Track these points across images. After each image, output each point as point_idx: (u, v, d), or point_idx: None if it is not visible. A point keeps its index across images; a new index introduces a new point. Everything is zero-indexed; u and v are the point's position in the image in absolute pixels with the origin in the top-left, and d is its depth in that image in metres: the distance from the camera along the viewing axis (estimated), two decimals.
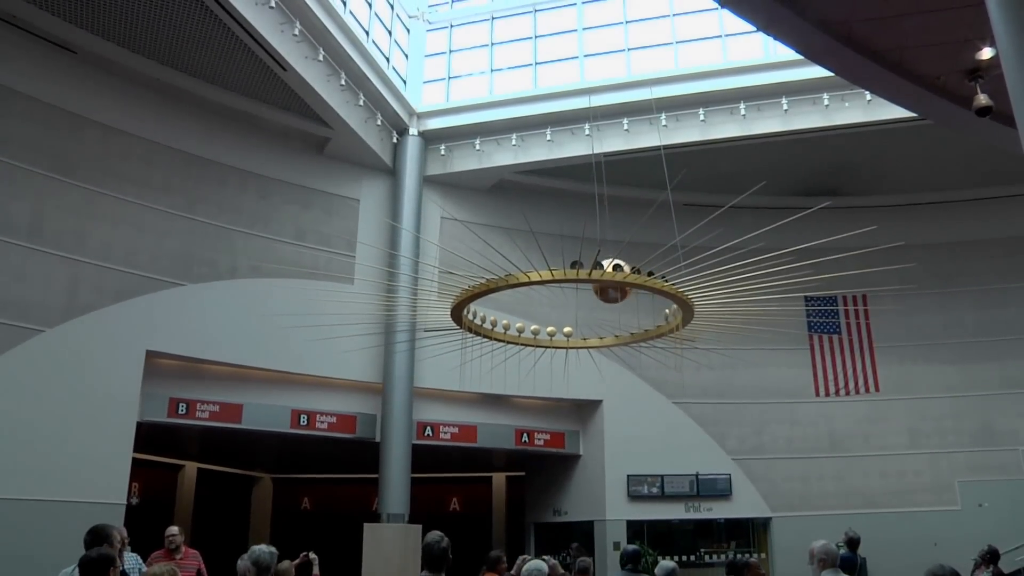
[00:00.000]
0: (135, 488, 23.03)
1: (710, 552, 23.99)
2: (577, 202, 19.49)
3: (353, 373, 20.31)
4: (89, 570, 4.64)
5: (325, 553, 9.05)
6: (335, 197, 21.31)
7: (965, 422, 23.92)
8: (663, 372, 19.87)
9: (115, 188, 17.67)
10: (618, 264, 9.52)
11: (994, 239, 24.59)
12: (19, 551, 14.82)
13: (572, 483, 24.31)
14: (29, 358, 16.01)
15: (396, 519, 19.60)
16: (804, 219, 10.74)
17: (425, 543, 4.96)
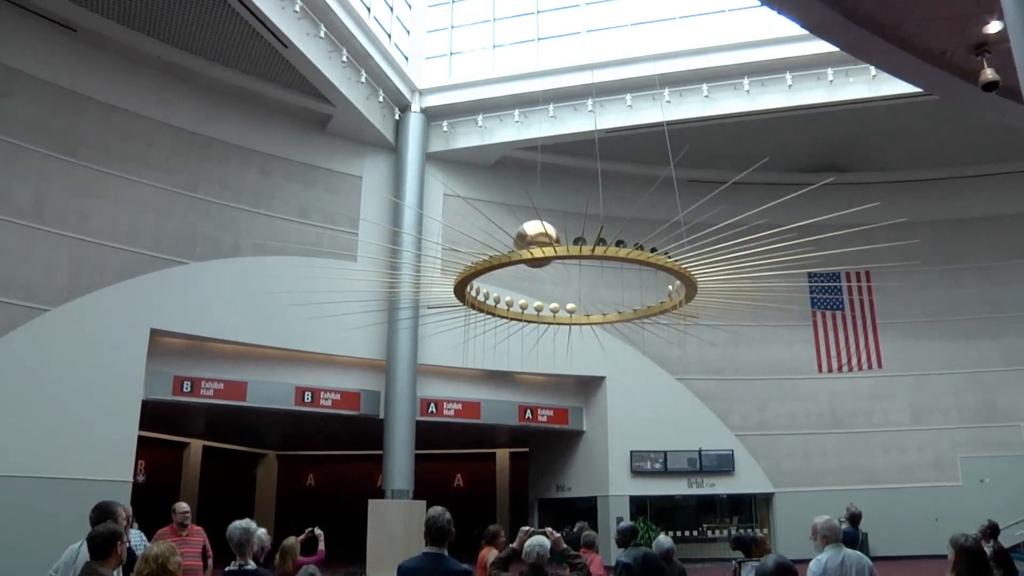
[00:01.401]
0: (141, 466, 23.19)
1: (712, 527, 24.13)
2: (580, 178, 19.42)
3: (356, 350, 20.36)
4: (97, 546, 4.68)
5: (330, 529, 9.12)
6: (337, 174, 21.28)
7: (967, 398, 23.98)
8: (666, 349, 19.91)
9: (117, 167, 17.66)
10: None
11: (998, 216, 24.52)
12: (27, 528, 14.94)
13: (575, 459, 24.42)
14: (34, 337, 16.07)
15: (400, 495, 19.71)
16: (807, 195, 10.71)
17: (427, 518, 4.98)
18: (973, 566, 5.01)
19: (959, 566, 5.06)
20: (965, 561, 5.02)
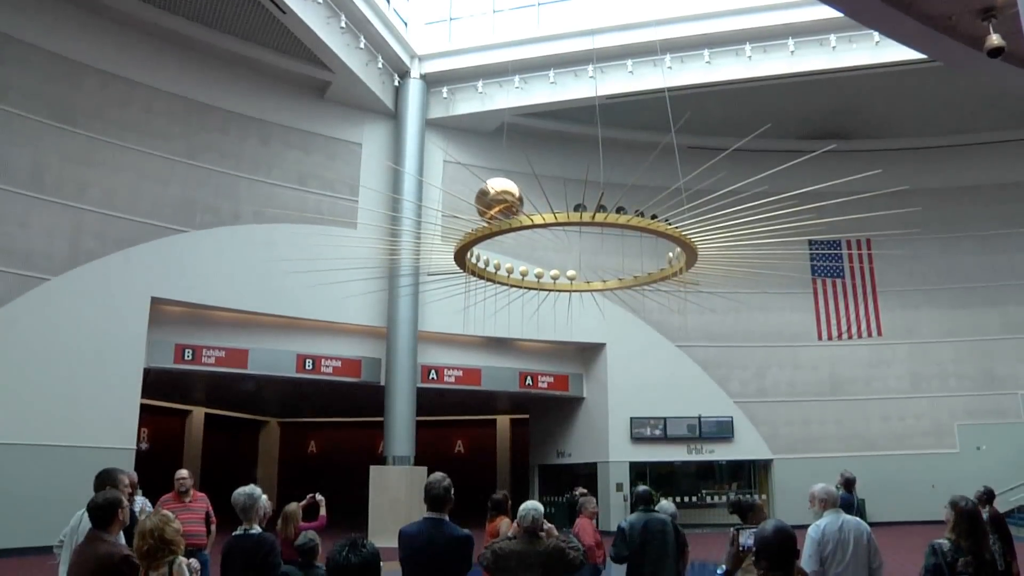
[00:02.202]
0: (144, 434, 23.34)
1: (711, 493, 24.34)
2: (580, 145, 19.33)
3: (357, 317, 20.40)
4: (97, 513, 4.71)
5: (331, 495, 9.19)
6: (337, 141, 21.19)
7: (966, 366, 24.07)
8: (666, 315, 19.92)
9: (115, 135, 17.58)
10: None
11: (999, 184, 24.44)
12: (33, 494, 15.09)
13: (575, 425, 24.56)
14: (35, 307, 16.11)
15: (402, 461, 19.85)
16: (809, 163, 10.67)
17: (427, 483, 5.02)
18: (971, 527, 5.10)
19: (958, 527, 5.14)
20: (964, 522, 5.11)
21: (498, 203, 9.59)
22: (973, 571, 4.95)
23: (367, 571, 2.63)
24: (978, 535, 5.13)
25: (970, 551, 5.03)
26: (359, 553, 2.65)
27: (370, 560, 2.64)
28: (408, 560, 4.95)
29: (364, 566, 2.64)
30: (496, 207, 9.57)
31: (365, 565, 2.64)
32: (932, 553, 5.16)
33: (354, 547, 2.67)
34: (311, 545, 5.66)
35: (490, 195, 9.72)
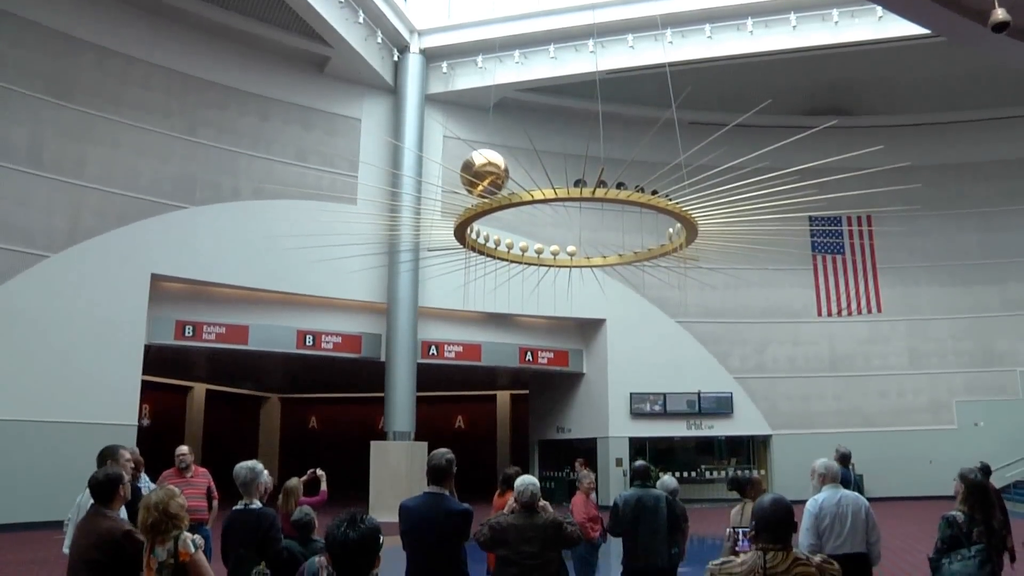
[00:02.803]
0: (146, 410, 23.41)
1: (711, 468, 24.46)
2: (580, 120, 19.22)
3: (357, 293, 20.41)
4: (98, 489, 4.72)
5: (332, 470, 9.23)
6: (336, 117, 21.10)
7: (965, 343, 24.12)
8: (666, 291, 19.91)
9: (113, 111, 17.51)
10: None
11: (1001, 161, 24.37)
12: (36, 471, 15.20)
13: (575, 401, 24.64)
14: (35, 284, 16.12)
15: (402, 437, 19.93)
16: (810, 138, 10.62)
17: (429, 457, 5.07)
18: (982, 498, 5.19)
19: (970, 499, 5.22)
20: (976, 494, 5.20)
21: (486, 175, 9.56)
22: (986, 540, 5.04)
23: (365, 546, 2.63)
24: (987, 506, 5.22)
25: (983, 521, 5.13)
26: (357, 528, 2.65)
27: (368, 535, 2.65)
28: (408, 533, 4.99)
29: (362, 541, 2.64)
30: (485, 179, 9.55)
31: (363, 540, 2.64)
32: (948, 525, 5.24)
33: (352, 523, 2.68)
34: (307, 520, 5.69)
35: (475, 166, 9.70)
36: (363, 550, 2.63)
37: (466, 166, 9.84)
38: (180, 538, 4.31)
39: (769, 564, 2.92)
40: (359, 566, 2.64)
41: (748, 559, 2.99)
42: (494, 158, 9.75)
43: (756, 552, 2.99)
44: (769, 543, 2.99)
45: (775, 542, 2.99)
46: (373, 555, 2.64)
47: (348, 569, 2.67)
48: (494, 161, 9.72)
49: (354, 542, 2.63)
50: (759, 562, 2.94)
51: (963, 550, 5.08)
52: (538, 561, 5.30)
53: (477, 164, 9.75)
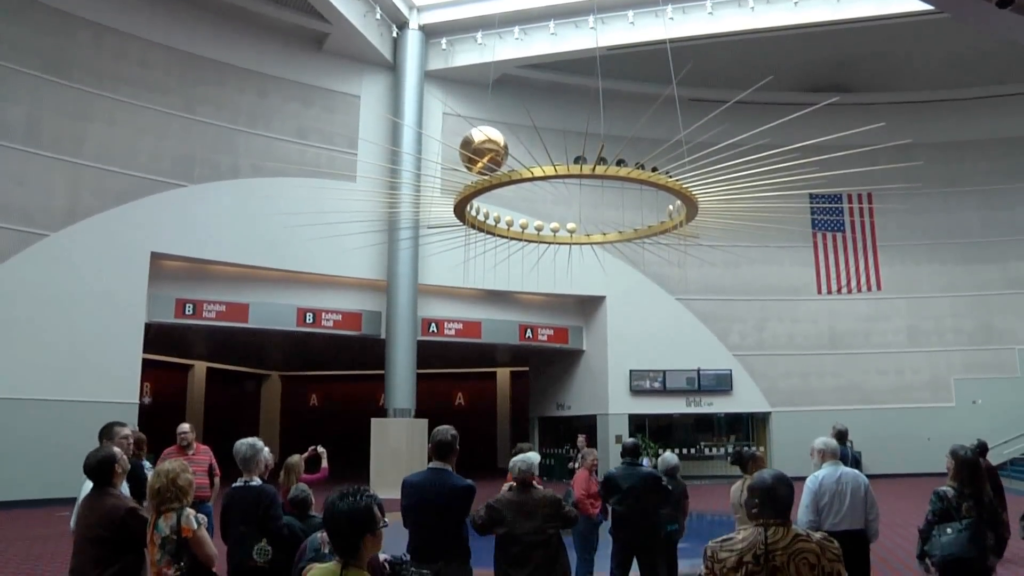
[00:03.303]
0: (147, 388, 23.47)
1: (710, 445, 24.57)
2: (580, 97, 19.13)
3: (357, 271, 20.41)
4: (94, 475, 4.73)
5: (333, 447, 9.26)
6: (335, 94, 21.00)
7: (964, 321, 24.15)
8: (666, 268, 19.91)
9: (111, 89, 17.43)
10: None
11: (1003, 138, 24.28)
12: (38, 449, 15.28)
13: (575, 378, 24.70)
14: (35, 263, 16.13)
15: (402, 414, 19.99)
16: (811, 115, 10.58)
17: (434, 433, 5.11)
18: (971, 474, 5.26)
19: (960, 474, 5.29)
20: (965, 470, 5.26)
21: (485, 152, 9.52)
22: (976, 514, 5.10)
23: (356, 519, 2.65)
24: (977, 481, 5.28)
25: (971, 496, 5.20)
26: (347, 501, 2.67)
27: (358, 509, 2.66)
28: (411, 509, 5.02)
29: (352, 513, 2.66)
30: (485, 156, 9.52)
31: (353, 513, 2.66)
32: (938, 499, 5.32)
33: (345, 495, 2.70)
34: (302, 496, 5.72)
35: (474, 144, 9.66)
36: (353, 522, 2.64)
37: (465, 143, 9.81)
38: (183, 514, 4.34)
39: (770, 540, 2.93)
40: (349, 538, 2.65)
41: (748, 535, 3.00)
42: (493, 135, 9.71)
43: (756, 528, 3.01)
44: (769, 518, 3.00)
45: (775, 517, 3.00)
46: (365, 529, 2.65)
47: (338, 540, 2.69)
48: (493, 138, 9.68)
49: (343, 514, 2.65)
50: (760, 538, 2.96)
51: (953, 523, 5.16)
52: (539, 537, 5.34)
53: (476, 141, 9.72)
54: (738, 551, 2.96)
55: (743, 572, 2.91)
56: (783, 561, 2.87)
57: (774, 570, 2.88)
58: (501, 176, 9.58)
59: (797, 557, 2.87)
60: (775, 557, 2.89)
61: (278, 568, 5.08)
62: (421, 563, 4.78)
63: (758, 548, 2.93)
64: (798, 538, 2.93)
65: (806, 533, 2.97)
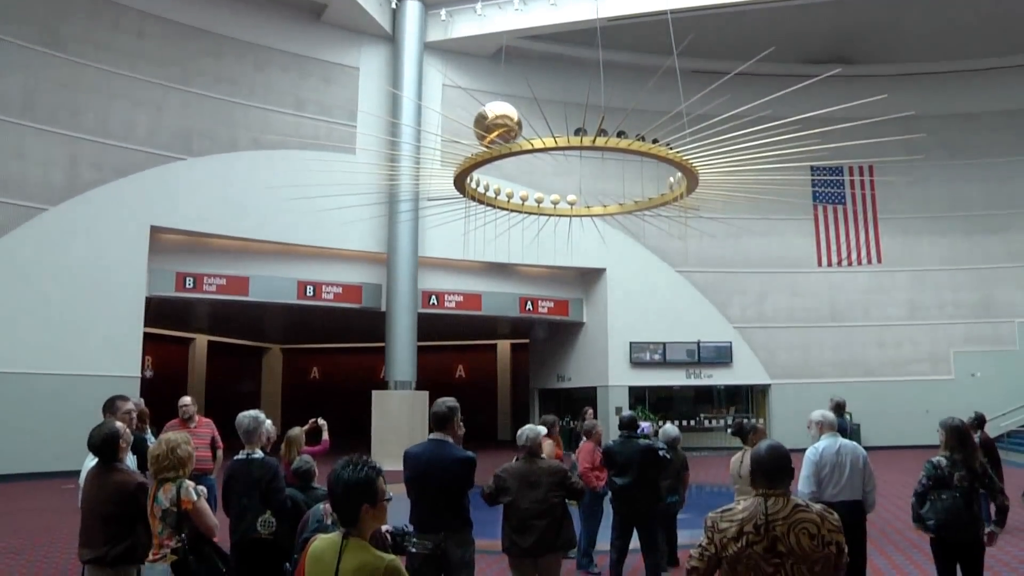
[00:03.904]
0: (148, 361, 23.52)
1: (710, 417, 24.67)
2: (581, 68, 19.02)
3: (357, 243, 20.39)
4: (100, 452, 4.74)
5: (334, 420, 9.30)
6: (334, 66, 20.85)
7: (965, 294, 24.15)
8: (667, 241, 19.90)
9: (108, 62, 17.31)
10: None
11: (1006, 110, 24.14)
12: (41, 422, 15.36)
13: (575, 350, 24.76)
14: (34, 237, 16.12)
15: (403, 386, 20.05)
16: (812, 87, 10.52)
17: (433, 405, 5.16)
18: (959, 441, 5.32)
19: (949, 443, 5.35)
20: (954, 437, 5.32)
21: (496, 127, 9.48)
22: (967, 483, 5.15)
23: (356, 487, 2.67)
24: (967, 448, 5.34)
25: (962, 463, 5.26)
26: (348, 470, 2.70)
27: (359, 478, 2.69)
28: (412, 480, 5.05)
29: (352, 482, 2.68)
30: (495, 131, 9.47)
31: (353, 481, 2.68)
32: (932, 467, 5.39)
33: (348, 464, 2.73)
34: (306, 468, 5.75)
35: (488, 119, 9.60)
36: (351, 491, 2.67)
37: (479, 118, 9.75)
38: (183, 486, 4.36)
39: (770, 510, 2.96)
40: (348, 507, 2.67)
41: (749, 505, 3.03)
42: (507, 111, 9.64)
43: (757, 498, 3.03)
44: (768, 489, 3.03)
45: (772, 487, 3.02)
46: (363, 499, 2.67)
47: (339, 508, 2.73)
48: (507, 113, 9.62)
49: (343, 482, 2.67)
50: (760, 508, 2.98)
51: (946, 490, 5.23)
52: (544, 506, 5.40)
53: (490, 117, 9.66)
54: (739, 521, 2.99)
55: (743, 542, 2.94)
56: (783, 531, 2.90)
57: (774, 540, 2.90)
58: (501, 148, 9.54)
59: (797, 527, 2.90)
60: (775, 527, 2.92)
61: (281, 539, 5.12)
62: (423, 534, 4.83)
63: (758, 518, 2.95)
64: (798, 508, 2.96)
65: (806, 504, 2.99)
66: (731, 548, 2.98)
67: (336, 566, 2.64)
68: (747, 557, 2.94)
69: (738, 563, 2.97)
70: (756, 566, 2.93)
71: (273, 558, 5.13)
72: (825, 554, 2.87)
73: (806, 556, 2.87)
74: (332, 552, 2.68)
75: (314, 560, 2.74)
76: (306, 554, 2.79)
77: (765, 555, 2.91)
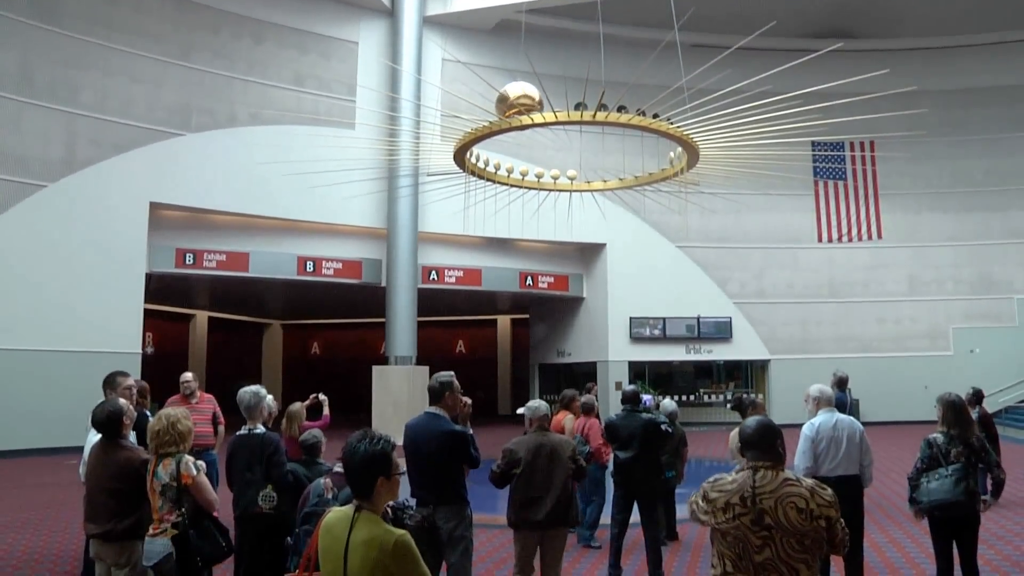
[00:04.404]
0: (149, 338, 23.57)
1: (709, 392, 24.76)
2: (581, 42, 18.91)
3: (357, 219, 20.36)
4: (104, 428, 4.77)
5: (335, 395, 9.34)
6: (333, 40, 20.72)
7: (965, 270, 24.16)
8: (667, 216, 19.88)
9: (104, 36, 17.20)
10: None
11: (1009, 86, 23.99)
12: (44, 399, 15.43)
13: (575, 325, 24.80)
14: (34, 214, 16.11)
15: (403, 361, 20.10)
16: (813, 62, 10.44)
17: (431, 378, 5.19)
18: (955, 416, 5.35)
19: (946, 418, 5.38)
20: (950, 412, 5.35)
21: (519, 107, 9.43)
22: (964, 459, 5.18)
23: (368, 461, 2.70)
24: (963, 423, 5.37)
25: (958, 437, 5.29)
26: (371, 444, 2.72)
27: (372, 452, 2.71)
28: (407, 451, 5.08)
29: (365, 455, 2.71)
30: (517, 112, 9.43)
31: (367, 455, 2.71)
32: (928, 446, 5.42)
33: (364, 438, 2.76)
34: (313, 441, 5.78)
35: (510, 99, 9.55)
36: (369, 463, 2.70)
37: (500, 99, 9.69)
38: (182, 461, 4.39)
39: (758, 483, 2.98)
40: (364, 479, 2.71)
41: (739, 478, 3.05)
42: (528, 90, 9.59)
43: (747, 471, 3.06)
44: (756, 461, 3.05)
45: (760, 459, 3.05)
46: (379, 471, 2.70)
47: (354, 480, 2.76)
48: (528, 93, 9.56)
49: (359, 454, 2.70)
50: (749, 480, 3.01)
51: (941, 469, 5.26)
52: (556, 479, 5.42)
53: (511, 97, 9.61)
54: (727, 492, 3.02)
55: (731, 513, 2.97)
56: (770, 504, 2.92)
57: (761, 513, 2.93)
58: (501, 123, 9.50)
59: (785, 501, 2.92)
60: (762, 500, 2.94)
61: (282, 514, 5.15)
62: (417, 506, 4.87)
63: (746, 491, 2.98)
64: (787, 482, 2.98)
65: (797, 478, 3.01)
66: (720, 518, 3.01)
67: (347, 538, 2.67)
68: (735, 529, 2.97)
69: (727, 534, 3.01)
70: (744, 538, 2.96)
71: (274, 532, 5.17)
72: (814, 528, 2.89)
73: (794, 530, 2.89)
74: (344, 524, 2.71)
75: (326, 531, 2.78)
76: (319, 527, 2.83)
77: (752, 527, 2.94)
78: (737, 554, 3.00)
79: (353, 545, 2.65)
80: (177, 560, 4.27)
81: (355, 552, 2.64)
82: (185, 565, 4.29)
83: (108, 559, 4.61)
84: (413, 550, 2.66)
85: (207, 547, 4.37)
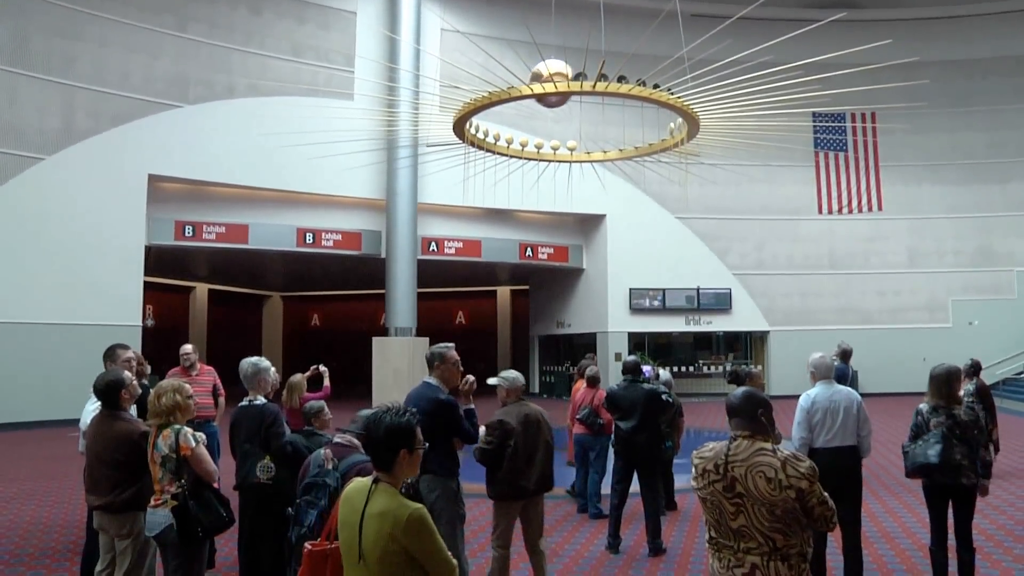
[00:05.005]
0: (149, 310, 23.61)
1: (708, 363, 24.84)
2: (581, 12, 18.76)
3: (357, 190, 20.31)
4: (103, 396, 4.81)
5: (335, 366, 9.36)
6: (330, 10, 20.55)
7: (965, 243, 24.15)
8: (667, 187, 19.84)
9: (98, 7, 17.05)
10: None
11: (1011, 57, 23.83)
12: (45, 372, 15.49)
13: (575, 296, 24.83)
14: (32, 187, 16.07)
15: (403, 333, 20.13)
16: (815, 32, 10.38)
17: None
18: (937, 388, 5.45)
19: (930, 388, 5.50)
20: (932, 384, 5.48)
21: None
22: (946, 429, 5.23)
23: (392, 434, 2.73)
24: (946, 395, 5.42)
25: (941, 408, 5.35)
26: (397, 416, 2.75)
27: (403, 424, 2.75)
28: None
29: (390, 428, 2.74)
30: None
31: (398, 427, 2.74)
32: (915, 415, 5.49)
33: (391, 411, 2.79)
34: (318, 407, 5.79)
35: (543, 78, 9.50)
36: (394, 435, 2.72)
37: (534, 77, 9.64)
38: (181, 433, 4.41)
39: (731, 452, 3.05)
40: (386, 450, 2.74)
41: (718, 446, 3.12)
42: (561, 68, 9.53)
43: (728, 440, 3.12)
44: (737, 430, 3.11)
45: (742, 428, 3.10)
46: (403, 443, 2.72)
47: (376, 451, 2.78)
48: (561, 71, 9.51)
49: (385, 426, 2.73)
50: (723, 449, 3.07)
51: (924, 435, 5.34)
52: (543, 443, 5.44)
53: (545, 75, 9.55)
54: (705, 459, 3.10)
55: (707, 480, 3.05)
56: (741, 472, 2.99)
57: (732, 480, 3.00)
58: (500, 93, 9.44)
59: (755, 469, 2.98)
60: (733, 468, 3.01)
61: (281, 484, 5.18)
62: None
63: (719, 458, 3.05)
64: (761, 451, 3.02)
65: (773, 449, 3.05)
66: (699, 484, 3.09)
67: (363, 509, 2.69)
68: (711, 495, 3.05)
69: (706, 501, 3.09)
70: (719, 504, 3.04)
71: (274, 502, 5.20)
72: (783, 498, 2.93)
73: (763, 498, 2.94)
74: (361, 495, 2.74)
75: (346, 501, 2.82)
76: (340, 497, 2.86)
77: (725, 494, 3.02)
78: (716, 520, 3.09)
79: (368, 516, 2.67)
80: (178, 530, 4.31)
81: (369, 523, 2.67)
82: (186, 535, 4.32)
83: (111, 530, 4.67)
84: (428, 524, 2.66)
85: (207, 518, 4.40)
